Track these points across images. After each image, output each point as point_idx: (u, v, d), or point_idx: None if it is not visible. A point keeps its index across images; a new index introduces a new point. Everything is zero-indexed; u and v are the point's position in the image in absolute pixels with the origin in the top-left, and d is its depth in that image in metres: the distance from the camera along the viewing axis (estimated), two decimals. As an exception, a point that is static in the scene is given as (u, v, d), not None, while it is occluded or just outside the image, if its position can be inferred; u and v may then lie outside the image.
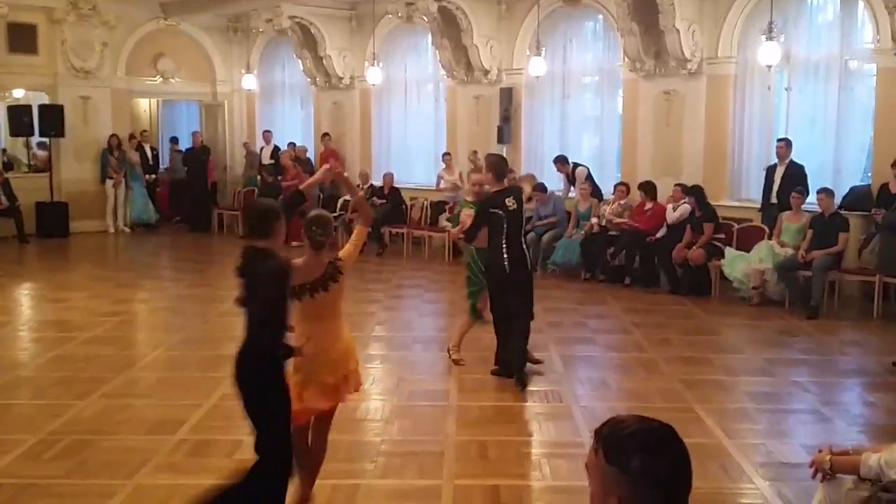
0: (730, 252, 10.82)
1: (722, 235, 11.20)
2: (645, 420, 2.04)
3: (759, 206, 11.56)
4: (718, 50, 12.11)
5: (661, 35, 12.06)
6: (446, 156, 14.65)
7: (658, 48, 12.32)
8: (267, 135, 18.03)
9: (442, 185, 14.62)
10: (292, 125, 18.51)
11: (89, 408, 6.58)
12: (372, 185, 15.60)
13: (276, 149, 17.70)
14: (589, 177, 12.87)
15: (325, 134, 17.13)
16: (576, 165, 13.05)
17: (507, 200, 7.11)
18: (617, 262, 11.98)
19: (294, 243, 8.81)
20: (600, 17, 13.54)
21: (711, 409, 6.57)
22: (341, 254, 4.64)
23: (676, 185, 11.77)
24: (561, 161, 13.10)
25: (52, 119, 16.19)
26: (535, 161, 14.40)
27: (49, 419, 6.27)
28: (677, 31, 11.87)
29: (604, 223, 12.19)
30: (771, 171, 11.30)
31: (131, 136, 17.75)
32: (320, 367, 4.51)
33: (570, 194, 13.14)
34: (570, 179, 13.12)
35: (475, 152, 13.74)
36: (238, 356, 4.19)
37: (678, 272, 11.29)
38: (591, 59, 13.96)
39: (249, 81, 17.96)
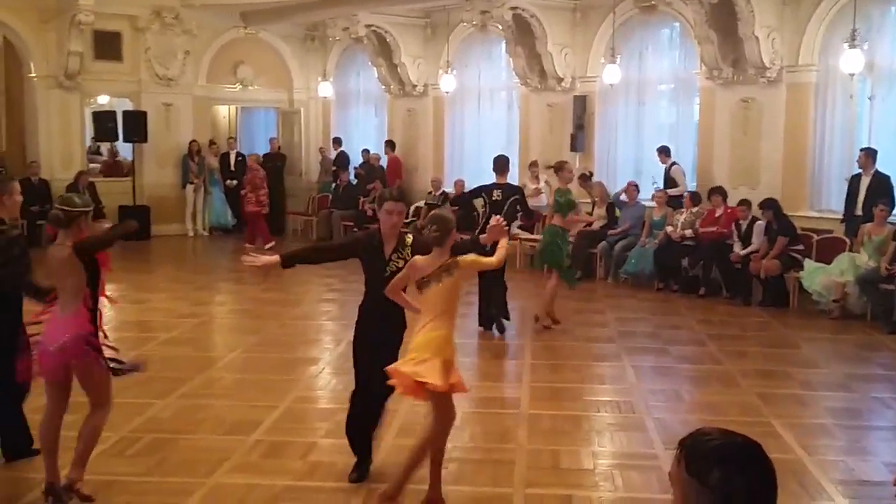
0: (809, 264, 10.58)
1: (801, 247, 10.96)
2: (730, 434, 2.03)
3: (839, 216, 11.28)
4: (799, 58, 11.86)
5: (739, 42, 11.87)
6: (533, 166, 14.43)
7: (736, 56, 12.12)
8: (335, 143, 18.26)
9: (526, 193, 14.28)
10: (366, 132, 18.70)
11: (169, 407, 6.76)
12: (444, 191, 15.67)
13: (344, 154, 17.92)
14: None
15: (389, 141, 17.25)
16: (673, 163, 12.86)
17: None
18: (692, 272, 11.82)
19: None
20: (677, 24, 13.39)
21: (790, 424, 6.43)
22: (462, 258, 4.82)
23: (741, 202, 11.50)
24: (665, 153, 12.88)
25: (136, 125, 16.67)
26: (609, 169, 14.29)
27: (130, 417, 6.44)
28: (756, 38, 11.67)
29: (678, 233, 12.03)
30: (855, 181, 11.01)
31: (211, 143, 18.15)
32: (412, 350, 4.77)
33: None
34: (667, 175, 12.88)
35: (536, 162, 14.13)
36: None
37: (755, 284, 11.09)
38: (666, 67, 13.81)
39: (325, 89, 18.23)
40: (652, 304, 11.33)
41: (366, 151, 17.62)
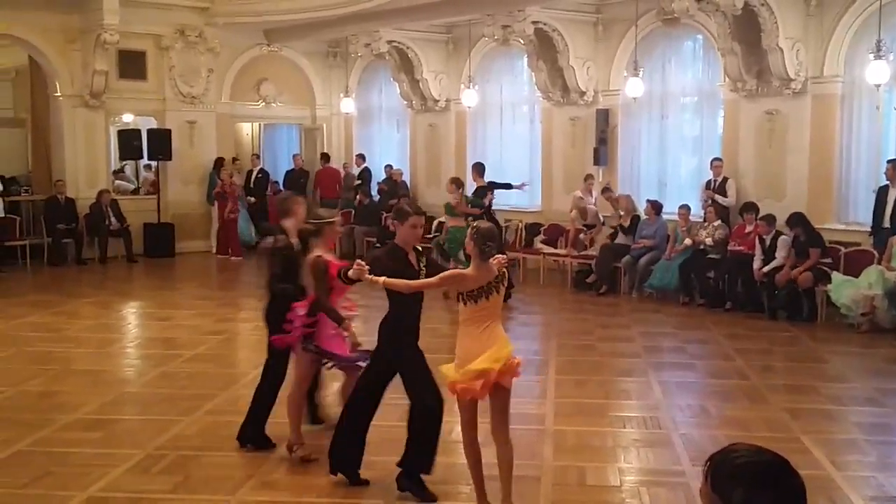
0: (837, 277, 10.46)
1: (829, 260, 10.84)
2: (759, 452, 1.99)
3: (867, 229, 11.15)
4: (824, 69, 11.77)
5: (763, 54, 11.81)
6: (590, 178, 14.11)
7: (760, 67, 12.05)
8: (359, 159, 18.32)
9: (579, 206, 13.84)
10: (388, 148, 18.75)
11: (194, 424, 6.77)
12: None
13: (367, 170, 17.98)
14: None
15: (324, 154, 18.76)
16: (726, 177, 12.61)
17: None
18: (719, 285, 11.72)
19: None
20: (700, 36, 13.34)
21: (819, 440, 6.35)
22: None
23: (760, 219, 11.37)
24: (720, 163, 12.55)
25: (160, 143, 16.78)
26: (632, 183, 14.22)
27: (155, 434, 6.46)
28: (781, 49, 11.59)
29: (701, 246, 11.94)
30: (882, 193, 10.89)
31: (234, 160, 18.27)
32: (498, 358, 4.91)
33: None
34: (721, 185, 12.67)
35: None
36: None
37: (780, 297, 10.97)
38: (690, 79, 13.75)
39: (348, 105, 18.29)
40: (677, 318, 11.24)
41: (388, 167, 17.66)
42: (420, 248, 5.44)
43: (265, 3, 16.37)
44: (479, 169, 13.48)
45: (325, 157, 18.82)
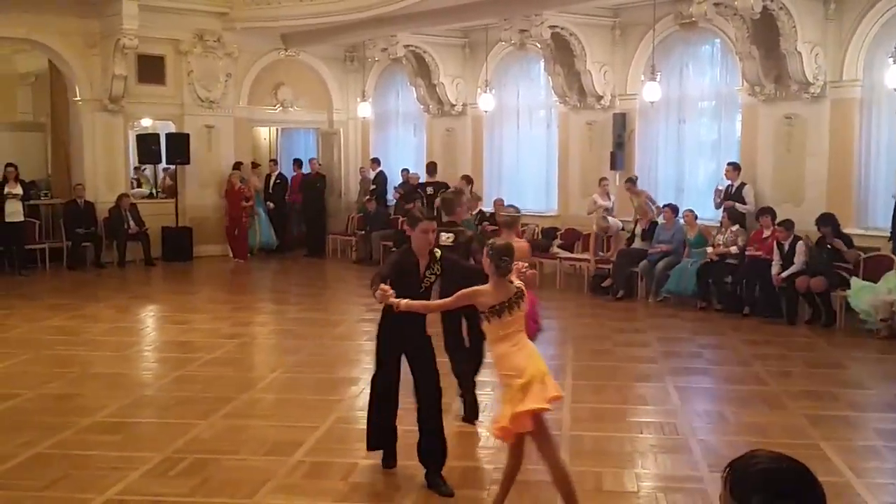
0: (856, 282, 10.38)
1: (848, 265, 10.77)
2: (779, 459, 1.98)
3: (886, 234, 11.06)
4: (843, 73, 11.70)
5: (782, 58, 11.75)
6: (604, 180, 14.10)
7: (779, 72, 12.00)
8: (373, 163, 18.34)
9: (595, 209, 13.88)
10: (405, 152, 18.77)
11: (211, 427, 6.79)
12: (481, 210, 15.63)
13: (382, 175, 18.01)
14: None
15: (297, 160, 18.89)
16: (744, 182, 12.49)
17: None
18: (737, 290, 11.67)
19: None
20: (718, 40, 13.29)
21: (838, 447, 6.30)
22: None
23: (778, 224, 11.30)
24: (735, 168, 12.38)
25: (179, 147, 16.88)
26: (649, 187, 14.11)
27: (173, 438, 6.49)
28: (799, 53, 11.54)
29: (721, 249, 11.89)
30: (901, 198, 10.82)
31: (255, 165, 18.37)
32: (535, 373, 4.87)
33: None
34: (737, 191, 12.58)
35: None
36: None
37: (800, 303, 10.91)
38: (707, 84, 13.70)
39: (364, 109, 18.33)
40: (694, 323, 11.19)
41: (405, 171, 17.67)
42: (437, 253, 5.47)
43: (283, 7, 16.44)
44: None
45: (298, 164, 19.06)
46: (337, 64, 19.26)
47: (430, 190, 14.41)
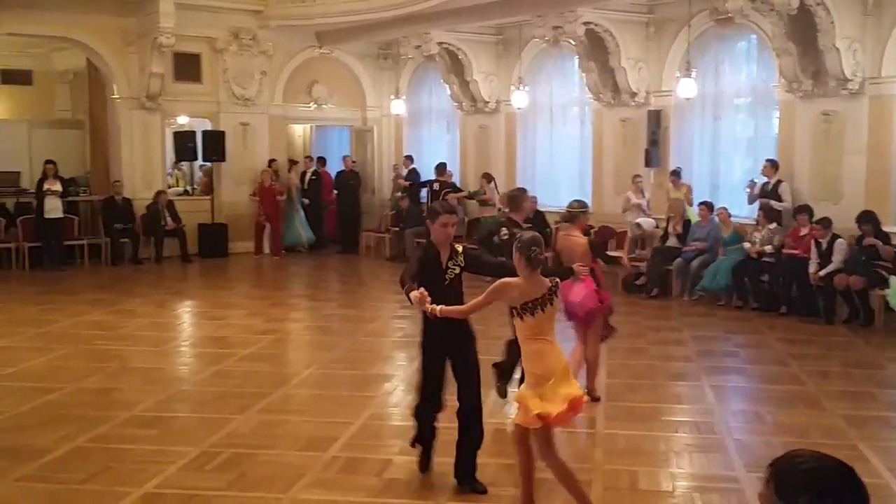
0: (894, 281, 10.24)
1: (888, 263, 10.62)
2: (823, 458, 1.97)
3: (927, 232, 10.90)
4: (882, 69, 11.53)
5: (819, 54, 11.60)
6: (637, 177, 14.09)
7: (816, 68, 11.85)
8: (406, 160, 18.36)
9: (628, 206, 13.91)
10: (438, 149, 18.78)
11: (247, 422, 6.85)
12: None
13: (415, 172, 18.03)
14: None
15: (321, 158, 18.90)
16: (780, 179, 12.34)
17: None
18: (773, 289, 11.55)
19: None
20: (754, 36, 13.15)
21: (877, 448, 6.23)
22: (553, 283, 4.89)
23: (818, 221, 11.14)
24: (773, 166, 12.29)
25: (215, 144, 17.03)
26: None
27: (209, 432, 6.56)
28: (837, 50, 11.39)
29: (757, 249, 11.78)
30: (942, 195, 10.65)
31: (293, 162, 18.50)
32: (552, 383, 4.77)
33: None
34: (773, 189, 12.45)
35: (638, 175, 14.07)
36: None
37: (838, 302, 10.78)
38: (744, 80, 13.57)
39: (398, 106, 18.37)
40: (730, 322, 11.10)
41: (442, 165, 17.66)
42: (458, 247, 5.46)
43: (317, 6, 16.51)
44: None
45: (322, 161, 19.15)
46: (371, 61, 19.32)
47: (436, 186, 15.44)
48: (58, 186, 15.34)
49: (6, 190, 16.72)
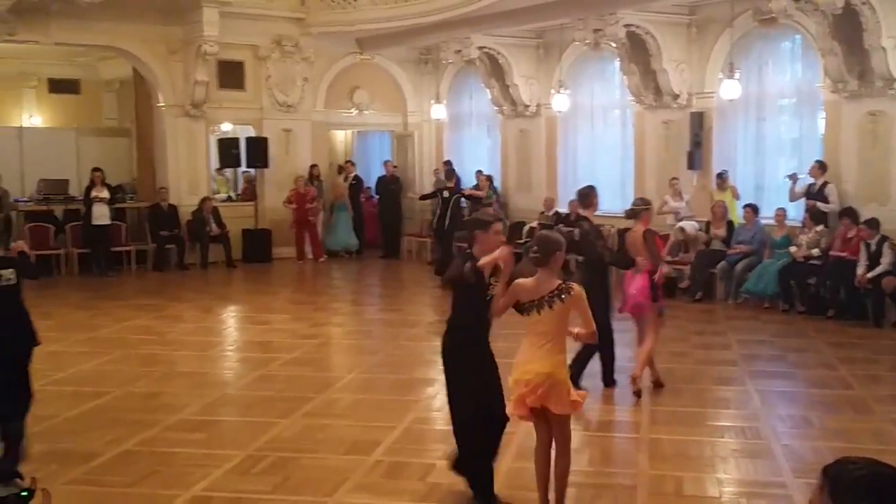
0: (946, 283, 10.05)
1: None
2: (878, 465, 1.94)
3: (979, 233, 10.67)
4: (931, 67, 11.33)
5: (865, 54, 11.42)
6: (674, 180, 14.00)
7: (862, 68, 11.66)
8: (445, 165, 18.34)
9: (665, 210, 13.76)
10: (479, 153, 18.79)
11: (291, 427, 6.91)
12: (557, 212, 15.59)
13: (456, 177, 18.01)
14: None
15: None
16: (826, 181, 12.12)
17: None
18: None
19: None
20: (798, 36, 12.99)
21: (928, 454, 6.11)
22: (577, 288, 4.83)
23: (863, 223, 10.94)
24: (821, 167, 12.12)
25: (258, 151, 17.21)
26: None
27: (255, 436, 6.63)
28: (883, 49, 11.20)
29: (803, 253, 11.61)
30: None
31: (340, 168, 18.62)
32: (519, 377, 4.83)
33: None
34: (819, 190, 12.27)
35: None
36: None
37: (887, 305, 10.59)
38: (788, 81, 13.40)
39: (438, 111, 18.42)
40: (776, 325, 10.95)
41: (479, 173, 17.67)
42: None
43: (358, 12, 16.63)
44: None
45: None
46: (411, 66, 19.39)
47: (446, 194, 15.51)
48: (105, 194, 15.60)
49: (55, 197, 17.04)
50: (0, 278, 5.72)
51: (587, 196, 8.07)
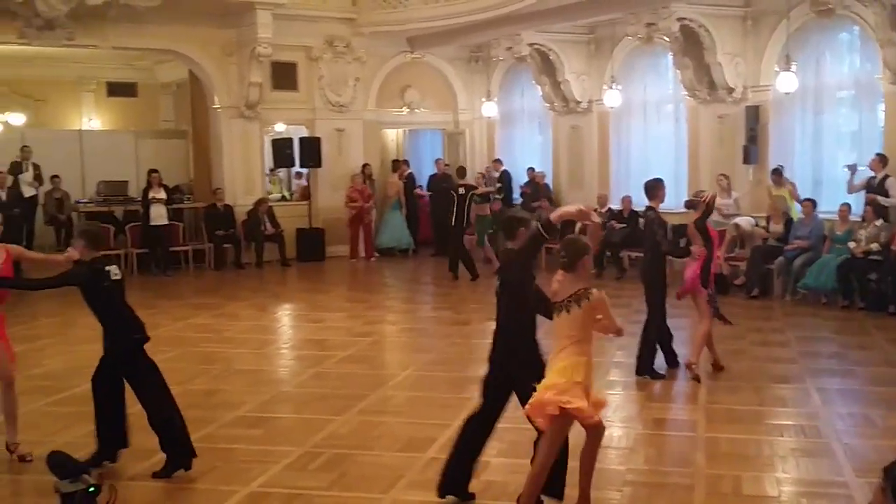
0: None
1: None
2: None
3: None
4: None
5: (927, 43, 11.17)
6: (721, 177, 13.76)
7: (924, 58, 11.40)
8: (496, 163, 18.33)
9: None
10: (530, 151, 18.74)
11: (347, 424, 6.98)
12: (610, 208, 15.49)
13: (506, 174, 18.01)
14: None
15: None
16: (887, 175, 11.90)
17: None
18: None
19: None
20: (856, 27, 12.72)
21: None
22: (596, 294, 4.79)
23: None
24: (882, 161, 11.85)
25: (311, 151, 17.37)
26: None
27: (311, 433, 6.71)
28: (947, 38, 10.95)
29: (862, 248, 11.38)
30: None
31: (395, 166, 18.73)
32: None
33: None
34: (879, 184, 12.03)
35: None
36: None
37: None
38: (846, 73, 13.14)
39: (490, 109, 18.41)
40: (836, 322, 10.76)
41: (531, 170, 17.65)
42: None
43: (409, 11, 16.70)
44: None
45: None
46: (462, 64, 19.41)
47: (461, 191, 15.32)
48: (162, 195, 15.90)
49: (114, 199, 17.40)
50: (108, 274, 5.93)
51: (654, 188, 8.55)
